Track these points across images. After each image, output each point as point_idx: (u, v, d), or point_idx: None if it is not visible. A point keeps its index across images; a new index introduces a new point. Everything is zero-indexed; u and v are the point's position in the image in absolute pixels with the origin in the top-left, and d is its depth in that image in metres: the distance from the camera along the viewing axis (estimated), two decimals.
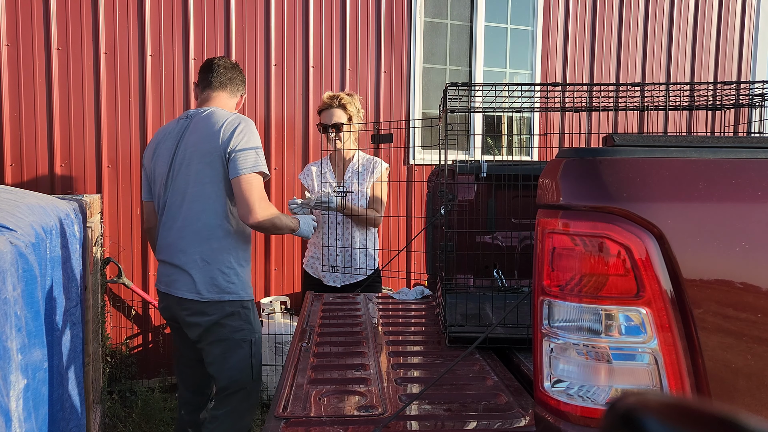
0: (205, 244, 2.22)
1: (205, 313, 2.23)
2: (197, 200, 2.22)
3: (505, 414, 1.32)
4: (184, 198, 2.24)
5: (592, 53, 4.72)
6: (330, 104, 2.96)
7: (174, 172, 2.28)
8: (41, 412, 1.34)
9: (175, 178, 2.27)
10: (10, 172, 3.66)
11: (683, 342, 1.01)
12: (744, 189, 1.02)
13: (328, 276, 3.05)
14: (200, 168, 2.21)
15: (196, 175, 2.22)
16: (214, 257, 2.23)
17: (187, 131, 2.29)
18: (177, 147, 2.29)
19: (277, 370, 3.67)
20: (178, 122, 2.37)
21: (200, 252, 2.23)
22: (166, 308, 2.36)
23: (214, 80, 2.40)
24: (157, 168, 2.35)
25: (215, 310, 2.23)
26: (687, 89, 2.01)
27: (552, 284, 1.09)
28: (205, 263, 2.22)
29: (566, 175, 1.07)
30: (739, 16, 4.96)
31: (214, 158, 2.20)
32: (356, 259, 3.01)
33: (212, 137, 2.20)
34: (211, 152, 2.20)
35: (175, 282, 2.27)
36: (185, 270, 2.23)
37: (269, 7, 4.04)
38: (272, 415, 1.30)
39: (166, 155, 2.32)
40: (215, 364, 2.27)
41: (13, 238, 1.17)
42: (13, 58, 3.62)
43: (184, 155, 2.25)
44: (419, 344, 1.92)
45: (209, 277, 2.22)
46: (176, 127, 2.36)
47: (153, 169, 2.38)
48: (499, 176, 2.28)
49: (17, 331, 1.12)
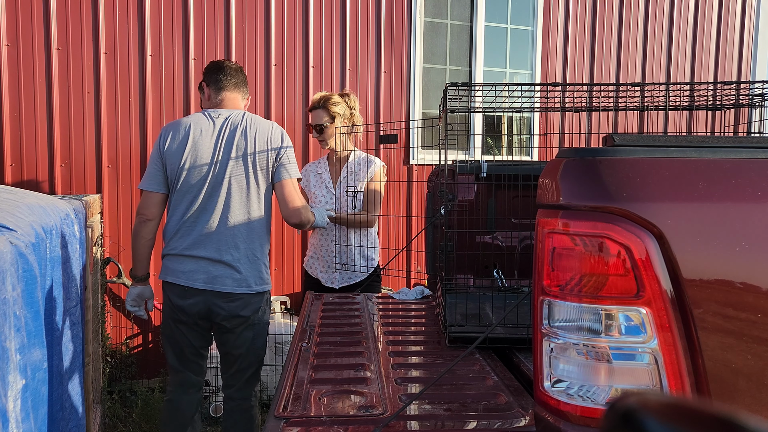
0: (255, 241, 2.42)
1: (252, 303, 2.41)
2: (249, 201, 2.40)
3: (505, 414, 1.32)
4: (235, 197, 2.38)
5: (592, 53, 4.72)
6: (314, 105, 3.02)
7: (220, 172, 2.37)
8: (40, 412, 1.34)
9: (222, 178, 2.36)
10: (10, 172, 3.66)
11: (683, 342, 1.01)
12: (744, 189, 1.02)
13: (326, 277, 3.04)
14: (253, 170, 2.40)
15: (248, 177, 2.39)
16: (261, 252, 2.45)
17: (229, 132, 2.40)
18: (220, 146, 2.38)
19: (277, 370, 3.67)
20: (212, 120, 2.42)
21: (251, 248, 2.41)
22: (197, 304, 2.37)
23: (229, 82, 2.50)
24: (190, 164, 2.37)
25: (259, 300, 2.44)
26: (687, 89, 2.01)
27: (552, 284, 1.09)
28: (255, 258, 2.42)
29: (566, 175, 1.07)
30: (739, 16, 4.96)
31: (264, 162, 2.41)
32: (352, 260, 3.00)
33: (264, 142, 2.41)
34: (263, 157, 2.41)
35: (219, 278, 2.35)
36: (234, 266, 2.36)
37: (269, 7, 4.04)
38: (272, 415, 1.30)
39: (207, 153, 2.38)
40: (244, 346, 2.44)
41: (13, 238, 1.17)
42: (13, 58, 3.62)
43: (234, 155, 2.38)
44: (419, 344, 1.92)
45: (257, 271, 2.42)
46: (211, 125, 2.41)
47: (181, 164, 2.37)
48: (499, 176, 2.28)
49: (16, 331, 1.12)
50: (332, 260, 3.01)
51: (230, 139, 2.37)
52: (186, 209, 2.37)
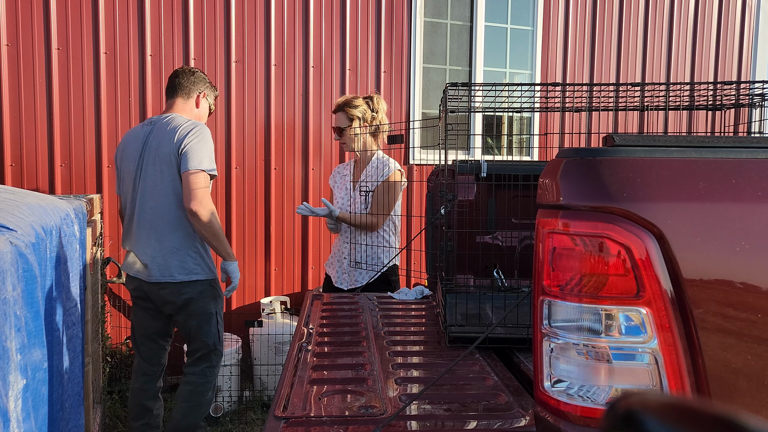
0: (175, 233, 2.60)
1: (183, 292, 2.62)
2: (163, 195, 2.58)
3: (505, 414, 1.32)
4: (152, 195, 2.59)
5: (592, 53, 4.72)
6: (336, 108, 3.06)
7: (142, 172, 2.63)
8: (41, 412, 1.34)
9: (143, 178, 2.62)
10: (10, 173, 3.66)
11: (683, 342, 1.01)
12: (744, 189, 1.02)
13: (336, 277, 3.06)
14: (167, 168, 2.56)
15: (161, 174, 2.57)
16: (184, 243, 2.61)
17: (151, 135, 2.64)
18: (143, 150, 2.64)
19: (277, 370, 3.67)
20: (143, 127, 2.72)
21: (171, 240, 2.59)
22: (138, 289, 2.70)
23: (169, 89, 2.80)
24: (124, 168, 2.72)
25: (191, 290, 2.63)
26: (687, 89, 2.01)
27: (552, 284, 1.09)
28: (176, 249, 2.60)
29: (566, 175, 1.07)
30: (739, 16, 4.96)
31: (171, 158, 2.55)
32: (361, 260, 3.00)
33: (170, 140, 2.57)
34: (170, 152, 2.55)
35: (148, 268, 2.62)
36: (156, 257, 2.59)
37: (269, 7, 4.04)
38: (272, 415, 1.30)
39: (134, 156, 2.67)
40: (190, 333, 2.70)
41: (13, 238, 1.17)
42: (13, 58, 3.62)
43: (149, 157, 2.61)
44: (419, 344, 1.92)
45: (180, 261, 2.60)
46: (141, 131, 2.71)
47: (121, 169, 2.75)
48: (499, 176, 2.27)
49: (16, 331, 1.12)
50: (342, 260, 3.02)
51: (151, 142, 2.61)
52: (128, 208, 2.70)
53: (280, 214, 4.17)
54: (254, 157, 4.08)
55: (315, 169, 4.21)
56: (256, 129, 4.08)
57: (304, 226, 4.22)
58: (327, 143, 4.22)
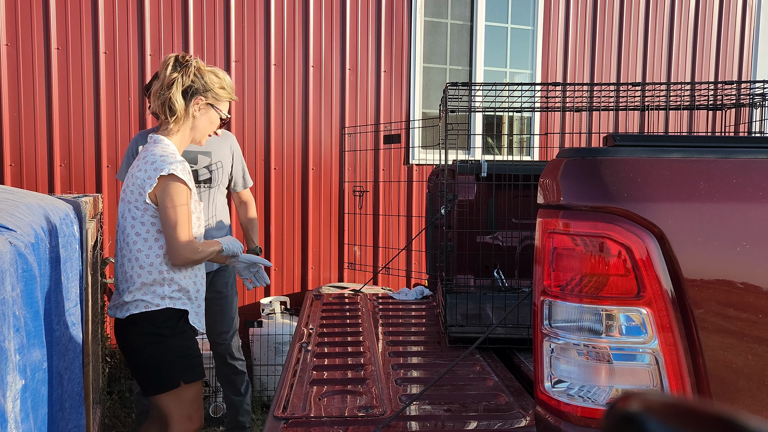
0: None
1: None
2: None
3: (506, 414, 1.32)
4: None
5: (592, 53, 4.72)
6: None
7: None
8: (40, 412, 1.34)
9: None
10: (10, 172, 3.66)
11: (684, 342, 1.00)
12: (744, 189, 1.02)
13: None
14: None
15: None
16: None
17: None
18: None
19: (277, 370, 3.67)
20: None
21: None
22: None
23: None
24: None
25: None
26: (688, 89, 2.00)
27: (552, 284, 1.08)
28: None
29: (567, 175, 1.07)
30: (739, 16, 4.96)
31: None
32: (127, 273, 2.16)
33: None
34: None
35: None
36: None
37: (269, 7, 4.04)
38: (272, 415, 1.30)
39: None
40: None
41: (13, 238, 1.17)
42: (13, 58, 3.62)
43: None
44: (419, 344, 1.92)
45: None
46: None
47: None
48: (500, 176, 2.27)
49: (15, 331, 1.12)
50: None
51: None
52: None
53: (279, 214, 4.16)
54: (254, 157, 4.08)
55: (315, 169, 4.21)
56: (256, 129, 4.07)
57: (304, 227, 4.22)
58: (327, 143, 4.22)
